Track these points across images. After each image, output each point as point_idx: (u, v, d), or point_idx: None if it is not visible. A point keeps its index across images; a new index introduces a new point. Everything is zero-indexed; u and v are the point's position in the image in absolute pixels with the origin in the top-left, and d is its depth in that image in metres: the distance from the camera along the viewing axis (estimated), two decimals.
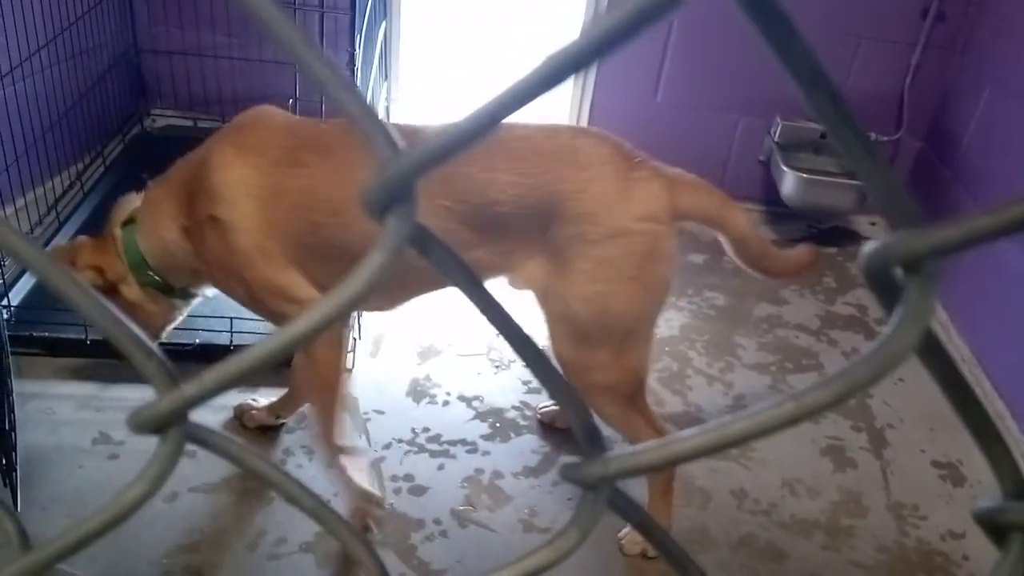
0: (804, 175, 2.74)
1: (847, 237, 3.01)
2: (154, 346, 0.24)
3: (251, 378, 1.76)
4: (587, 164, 1.40)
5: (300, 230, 1.42)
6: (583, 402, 0.26)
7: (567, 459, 1.90)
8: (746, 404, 2.13)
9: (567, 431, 1.91)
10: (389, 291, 1.57)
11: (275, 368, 1.95)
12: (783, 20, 0.19)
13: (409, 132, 1.27)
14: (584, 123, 3.06)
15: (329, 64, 0.20)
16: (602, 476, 0.23)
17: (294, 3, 2.14)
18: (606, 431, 1.99)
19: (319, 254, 1.45)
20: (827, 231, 3.01)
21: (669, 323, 2.41)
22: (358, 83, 1.99)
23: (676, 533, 1.72)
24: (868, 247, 0.21)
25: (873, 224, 3.09)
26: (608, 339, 1.47)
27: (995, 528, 0.27)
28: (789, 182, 2.76)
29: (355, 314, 1.88)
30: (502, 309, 0.24)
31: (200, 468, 1.73)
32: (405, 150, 0.20)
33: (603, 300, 1.42)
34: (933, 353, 0.23)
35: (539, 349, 0.26)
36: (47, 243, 2.25)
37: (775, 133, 2.88)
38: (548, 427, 1.96)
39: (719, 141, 3.05)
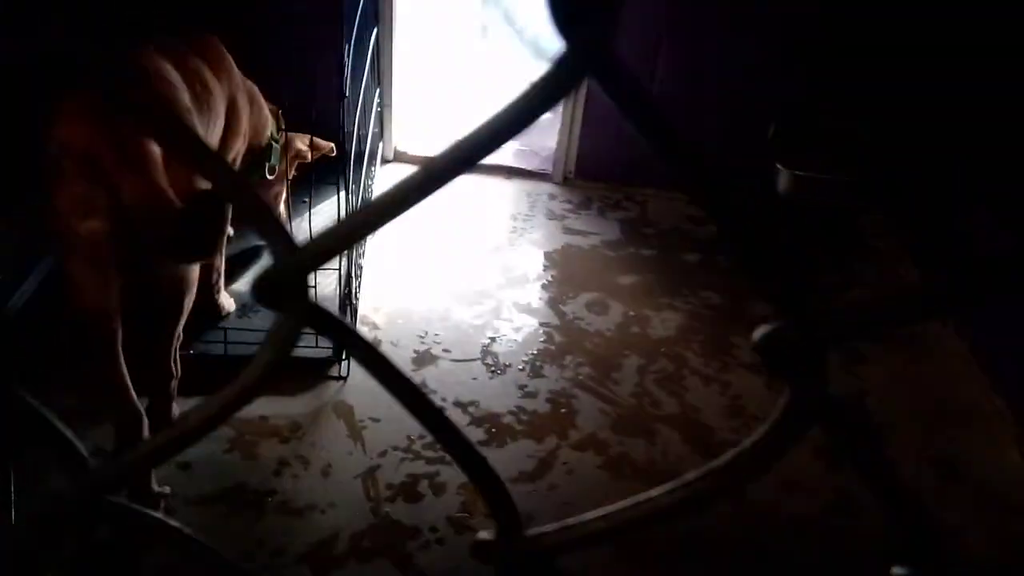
0: (797, 172, 2.75)
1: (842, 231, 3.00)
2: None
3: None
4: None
5: None
6: (501, 480, 0.26)
7: (567, 456, 1.91)
8: (743, 404, 2.13)
9: None
10: None
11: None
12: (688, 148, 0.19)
13: None
14: (579, 119, 3.05)
15: (226, 171, 0.20)
16: (512, 554, 0.23)
17: (281, 12, 2.14)
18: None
19: None
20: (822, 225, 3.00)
21: (665, 324, 2.41)
22: (347, 89, 1.99)
23: (670, 535, 1.72)
24: (759, 333, 0.22)
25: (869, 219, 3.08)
26: None
27: None
28: (783, 179, 2.78)
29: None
30: (416, 388, 0.25)
31: (196, 480, 1.73)
32: (300, 248, 0.20)
33: None
34: (840, 427, 0.23)
35: (464, 439, 0.26)
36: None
37: (770, 132, 2.89)
38: None
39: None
